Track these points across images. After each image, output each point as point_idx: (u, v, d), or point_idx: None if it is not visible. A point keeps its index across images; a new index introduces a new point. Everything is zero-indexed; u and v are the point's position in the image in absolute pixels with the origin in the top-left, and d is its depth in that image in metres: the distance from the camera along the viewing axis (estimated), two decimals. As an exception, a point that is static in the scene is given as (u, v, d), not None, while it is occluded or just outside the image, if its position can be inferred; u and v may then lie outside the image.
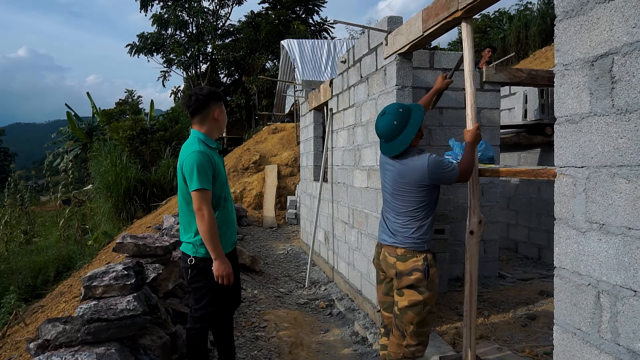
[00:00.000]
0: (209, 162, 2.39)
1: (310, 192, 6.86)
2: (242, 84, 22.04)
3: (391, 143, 2.49)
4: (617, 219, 1.61)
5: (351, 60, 4.78)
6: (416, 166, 2.38)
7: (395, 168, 2.48)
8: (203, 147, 2.43)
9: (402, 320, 2.42)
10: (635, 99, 1.54)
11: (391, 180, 2.50)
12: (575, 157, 1.80)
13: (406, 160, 2.44)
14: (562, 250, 1.88)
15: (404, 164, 2.45)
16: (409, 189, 2.41)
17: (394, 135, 2.46)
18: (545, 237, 6.18)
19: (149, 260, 3.45)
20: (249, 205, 11.31)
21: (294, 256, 6.89)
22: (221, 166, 2.54)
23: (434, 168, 2.36)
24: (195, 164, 2.33)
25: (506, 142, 6.03)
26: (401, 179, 2.44)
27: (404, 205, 2.44)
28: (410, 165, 2.41)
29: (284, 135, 14.38)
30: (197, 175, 2.31)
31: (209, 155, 2.43)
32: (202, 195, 2.31)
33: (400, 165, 2.46)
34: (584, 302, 1.76)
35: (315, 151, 6.70)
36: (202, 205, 2.30)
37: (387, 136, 2.49)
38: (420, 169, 2.37)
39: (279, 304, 4.57)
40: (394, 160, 2.49)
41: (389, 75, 3.73)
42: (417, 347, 2.44)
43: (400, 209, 2.46)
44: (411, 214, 2.42)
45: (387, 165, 2.56)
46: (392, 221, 2.51)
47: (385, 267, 2.53)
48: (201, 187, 2.31)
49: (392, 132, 2.47)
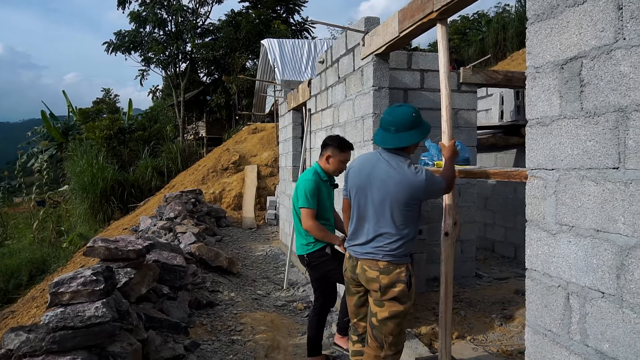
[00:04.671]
0: (315, 188, 3.11)
1: (289, 192, 6.82)
2: (222, 83, 21.84)
3: (401, 134, 2.33)
4: (586, 221, 1.63)
5: (329, 60, 4.76)
6: (414, 181, 2.26)
7: (387, 178, 2.32)
8: (315, 177, 3.17)
9: (380, 331, 2.33)
10: (602, 103, 1.55)
11: (380, 191, 2.33)
12: (546, 159, 1.81)
13: (402, 172, 2.29)
14: (533, 252, 1.89)
15: (400, 174, 2.29)
16: (402, 202, 2.28)
17: (409, 127, 2.33)
18: (521, 237, 6.23)
19: (121, 264, 3.36)
20: (228, 205, 11.19)
21: (273, 257, 6.84)
22: (325, 194, 3.24)
23: (429, 185, 2.27)
24: (305, 189, 3.08)
25: (483, 142, 6.09)
26: (395, 191, 2.28)
27: (391, 220, 2.30)
28: (408, 178, 2.27)
29: (264, 136, 14.28)
30: (303, 197, 3.07)
31: (317, 183, 3.15)
32: (305, 212, 3.07)
33: (395, 176, 2.30)
34: (554, 304, 1.77)
35: (294, 152, 6.66)
36: (306, 219, 3.05)
37: (401, 125, 2.33)
38: (418, 184, 2.25)
39: (257, 306, 4.52)
40: (388, 168, 2.33)
41: (366, 76, 3.72)
42: (394, 356, 2.39)
43: (387, 224, 2.31)
44: (398, 228, 2.30)
45: (374, 174, 2.38)
46: (373, 233, 2.35)
47: (365, 282, 2.39)
48: (306, 206, 3.06)
49: (408, 122, 2.33)
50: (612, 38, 1.51)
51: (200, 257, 5.10)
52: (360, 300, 2.55)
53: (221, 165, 12.85)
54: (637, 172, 1.43)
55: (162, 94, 30.22)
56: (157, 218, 7.90)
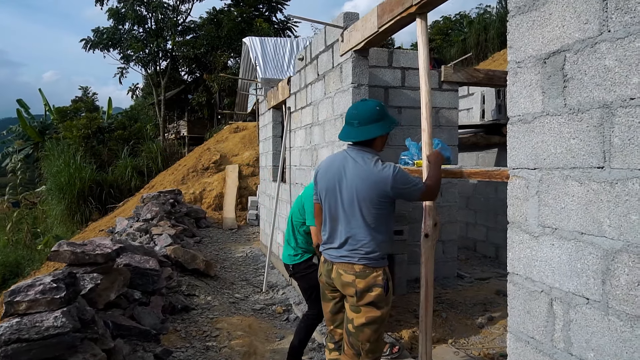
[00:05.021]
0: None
1: (269, 192, 6.69)
2: (204, 81, 21.52)
3: (363, 127, 2.25)
4: (569, 224, 1.55)
5: (308, 57, 4.65)
6: (380, 177, 2.15)
7: (355, 176, 2.22)
8: None
9: (357, 338, 2.22)
10: (587, 99, 1.48)
11: (349, 190, 2.24)
12: (528, 158, 1.73)
13: (368, 168, 2.20)
14: (515, 255, 1.81)
15: (366, 171, 2.19)
16: (369, 200, 2.18)
17: (371, 120, 2.25)
18: (502, 236, 6.21)
19: (88, 269, 3.20)
20: (208, 206, 10.99)
21: (253, 259, 6.70)
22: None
23: (398, 182, 2.15)
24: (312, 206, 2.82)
25: (464, 142, 6.06)
26: (362, 189, 2.18)
27: (362, 220, 2.20)
28: (374, 174, 2.17)
29: (245, 135, 14.10)
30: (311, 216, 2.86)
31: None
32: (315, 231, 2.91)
33: (362, 174, 2.20)
34: (537, 310, 1.69)
35: (274, 151, 6.53)
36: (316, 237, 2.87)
37: (363, 119, 2.26)
38: (384, 180, 2.14)
39: (234, 310, 4.38)
40: (355, 166, 2.24)
41: (345, 72, 3.61)
42: None
43: (359, 224, 2.21)
44: (370, 229, 2.20)
45: (342, 173, 2.29)
46: (345, 235, 2.25)
47: (341, 286, 2.28)
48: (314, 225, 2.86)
49: (371, 115, 2.26)
50: (597, 30, 1.43)
51: (175, 259, 4.94)
52: (336, 307, 2.44)
53: (202, 165, 12.63)
54: (623, 172, 1.36)
55: (142, 92, 29.68)
56: (134, 219, 7.69)
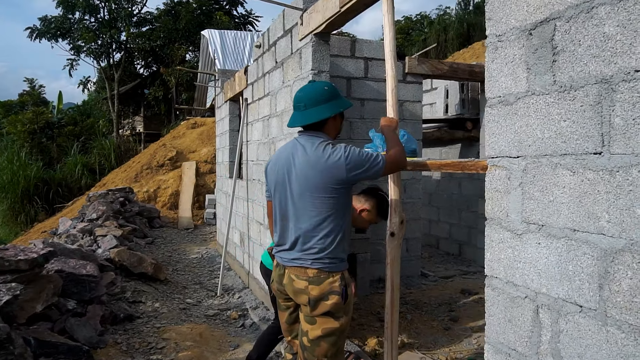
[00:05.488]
0: None
1: (225, 190, 6.32)
2: (160, 75, 20.66)
3: (311, 110, 2.01)
4: (559, 219, 1.34)
5: (266, 44, 4.34)
6: (332, 162, 1.89)
7: (304, 164, 1.96)
8: None
9: (313, 353, 1.95)
10: (581, 74, 1.27)
11: (299, 180, 1.97)
12: (510, 145, 1.51)
13: (317, 154, 1.93)
14: (495, 256, 1.59)
15: (316, 157, 1.93)
16: (322, 189, 1.92)
17: (319, 102, 2.01)
18: (465, 233, 6.18)
19: (8, 277, 2.78)
20: (163, 205, 10.45)
21: (208, 260, 6.32)
22: None
23: (354, 164, 1.89)
24: None
25: (428, 137, 5.92)
26: (313, 177, 1.92)
27: (314, 214, 1.94)
28: (324, 159, 1.90)
29: (204, 130, 13.56)
30: None
31: None
32: None
33: (311, 160, 1.94)
34: (520, 318, 1.48)
35: (231, 146, 6.17)
36: None
37: (310, 100, 2.02)
38: (337, 165, 1.89)
39: (184, 317, 4.02)
40: (303, 153, 1.98)
41: (304, 58, 3.34)
42: None
43: (310, 219, 1.94)
44: (325, 225, 1.93)
45: (291, 163, 2.02)
46: (296, 234, 1.97)
47: (293, 294, 1.98)
48: None
49: (318, 96, 2.02)
50: (594, -7, 1.22)
51: (120, 263, 4.51)
52: (292, 317, 2.17)
53: (156, 162, 12.02)
54: (626, 158, 1.15)
55: (95, 86, 28.28)
56: (79, 219, 7.12)
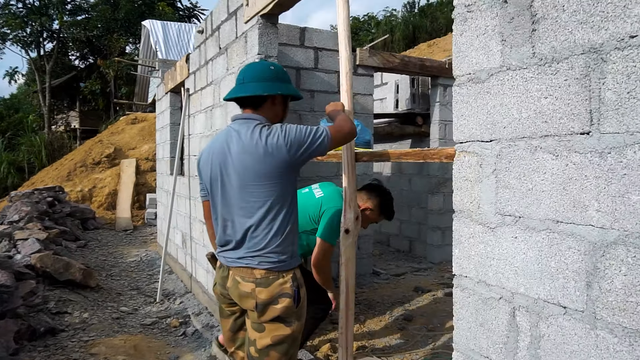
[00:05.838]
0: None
1: (166, 188, 5.90)
2: (98, 68, 19.45)
3: (248, 84, 1.78)
4: (540, 210, 1.18)
5: (209, 29, 4.02)
6: (271, 144, 1.66)
7: (240, 152, 1.71)
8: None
9: None
10: (565, 43, 1.11)
11: (237, 171, 1.72)
12: (482, 127, 1.35)
13: (254, 137, 1.69)
14: (464, 253, 1.42)
15: (252, 141, 1.68)
16: (263, 176, 1.68)
17: (259, 79, 1.78)
18: (415, 230, 6.15)
19: None
20: (100, 205, 9.74)
21: (148, 263, 5.87)
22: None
23: (292, 138, 1.66)
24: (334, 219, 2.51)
25: (379, 132, 5.82)
26: (252, 165, 1.68)
27: (258, 205, 1.70)
28: (262, 142, 1.66)
29: (145, 126, 12.83)
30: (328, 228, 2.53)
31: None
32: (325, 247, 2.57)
33: (247, 146, 1.69)
34: (493, 322, 1.32)
35: (172, 140, 5.76)
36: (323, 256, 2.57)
37: (251, 77, 1.79)
38: (275, 146, 1.66)
39: (117, 328, 3.62)
40: (238, 139, 1.73)
41: (250, 42, 3.07)
42: None
43: (254, 212, 1.70)
44: (271, 217, 1.70)
45: (226, 153, 1.76)
46: (242, 231, 1.74)
47: (238, 298, 1.75)
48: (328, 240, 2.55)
49: (259, 74, 1.79)
50: (580, -50, 1.07)
51: (43, 269, 4.02)
52: (237, 324, 1.92)
53: (92, 159, 11.20)
54: (619, 137, 1.00)
55: (25, 78, 26.21)
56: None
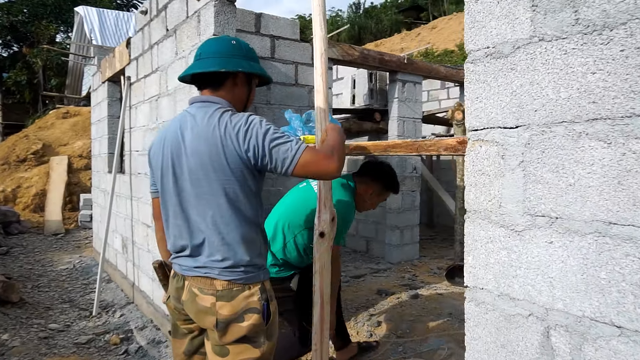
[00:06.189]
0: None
1: (104, 187, 5.34)
2: (24, 57, 17.82)
3: (209, 59, 1.50)
4: (585, 209, 0.98)
5: (154, 9, 3.60)
6: (231, 131, 1.36)
7: (195, 139, 1.41)
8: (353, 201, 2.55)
9: None
10: (622, 5, 0.91)
11: (190, 161, 1.42)
12: (504, 111, 1.13)
13: (212, 122, 1.40)
14: (480, 261, 1.20)
15: (209, 127, 1.39)
16: (220, 170, 1.38)
17: (220, 54, 1.51)
18: (372, 229, 6.01)
19: None
20: (26, 207, 8.82)
21: (82, 271, 5.29)
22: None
23: (255, 136, 1.35)
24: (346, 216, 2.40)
25: (336, 129, 5.61)
26: (208, 154, 1.38)
27: (217, 203, 1.41)
28: (221, 128, 1.37)
29: (78, 121, 11.85)
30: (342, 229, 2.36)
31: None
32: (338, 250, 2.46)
33: (202, 132, 1.40)
34: (520, 343, 1.11)
35: (110, 135, 5.22)
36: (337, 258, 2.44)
37: (209, 52, 1.53)
38: (234, 134, 1.36)
39: (45, 349, 3.13)
40: (194, 125, 1.43)
41: (204, 22, 2.73)
42: None
43: (213, 211, 1.41)
44: (234, 218, 1.41)
45: (180, 141, 1.45)
46: (199, 235, 1.44)
47: (196, 314, 1.46)
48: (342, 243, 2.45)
49: (220, 48, 1.52)
50: None
51: (-48, 283, 3.43)
52: (194, 345, 1.59)
53: (16, 156, 10.15)
54: (699, 119, 0.81)
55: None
56: None
